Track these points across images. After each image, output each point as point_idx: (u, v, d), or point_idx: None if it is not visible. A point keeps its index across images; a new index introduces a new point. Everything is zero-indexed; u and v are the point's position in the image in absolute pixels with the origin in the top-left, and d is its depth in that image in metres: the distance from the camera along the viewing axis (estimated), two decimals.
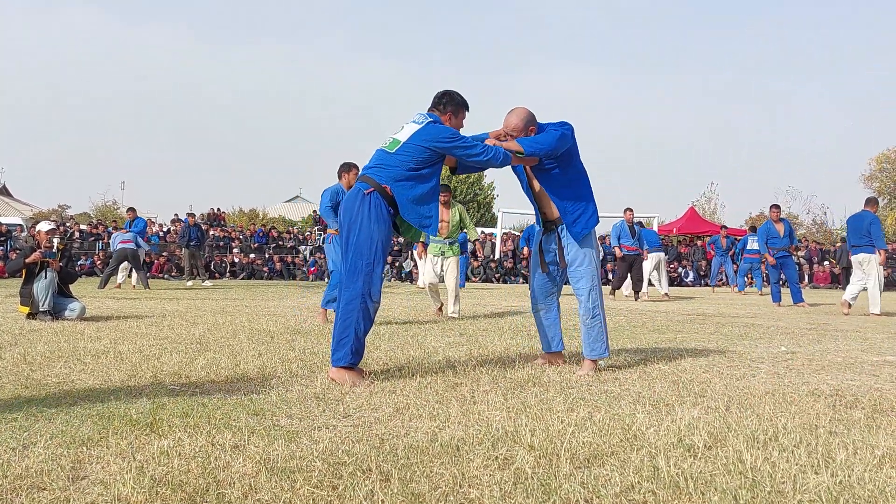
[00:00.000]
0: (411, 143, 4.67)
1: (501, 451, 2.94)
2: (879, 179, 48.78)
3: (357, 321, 4.56)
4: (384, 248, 4.62)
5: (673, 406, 3.88)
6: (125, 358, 5.35)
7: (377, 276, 4.61)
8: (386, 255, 4.67)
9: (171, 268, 25.42)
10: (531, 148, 4.77)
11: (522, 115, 4.95)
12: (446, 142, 4.66)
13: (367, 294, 4.57)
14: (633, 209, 15.81)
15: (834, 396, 4.25)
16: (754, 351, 6.37)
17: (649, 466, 2.76)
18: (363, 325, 4.58)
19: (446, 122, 4.84)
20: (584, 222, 5.00)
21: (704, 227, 33.82)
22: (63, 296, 8.66)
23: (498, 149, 4.73)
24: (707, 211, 46.26)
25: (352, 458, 2.84)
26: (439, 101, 4.90)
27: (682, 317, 10.57)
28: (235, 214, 45.09)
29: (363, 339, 4.61)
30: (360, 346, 4.59)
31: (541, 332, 5.39)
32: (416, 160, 4.64)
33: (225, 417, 3.48)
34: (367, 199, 4.62)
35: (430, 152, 4.65)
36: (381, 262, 4.61)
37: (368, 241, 4.58)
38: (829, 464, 2.82)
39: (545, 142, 4.78)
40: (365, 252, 4.58)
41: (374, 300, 4.60)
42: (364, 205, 4.61)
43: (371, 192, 4.63)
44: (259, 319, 8.79)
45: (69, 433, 3.16)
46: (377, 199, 4.62)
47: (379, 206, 4.61)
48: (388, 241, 4.68)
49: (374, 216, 4.59)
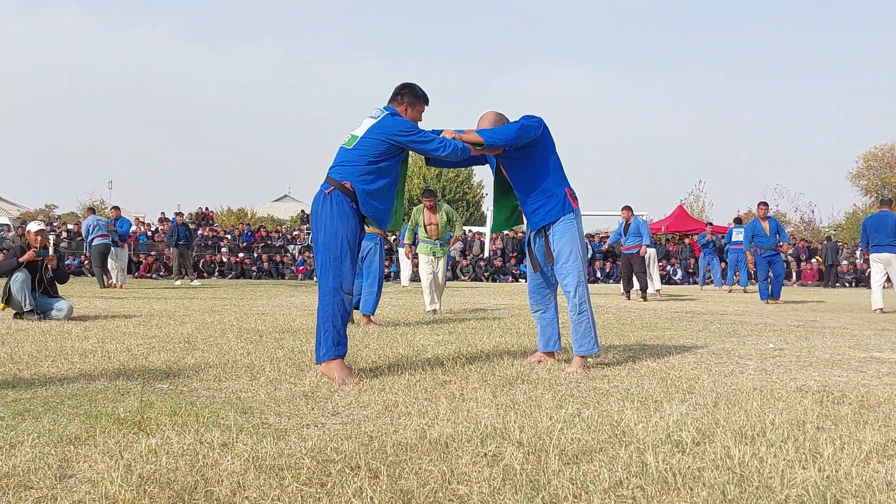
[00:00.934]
0: (368, 138, 4.71)
1: (490, 448, 2.95)
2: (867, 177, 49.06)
3: (334, 314, 4.62)
4: (351, 242, 4.66)
5: (661, 402, 3.89)
6: (113, 357, 5.33)
7: (346, 268, 4.64)
8: (354, 249, 4.70)
9: (160, 267, 25.32)
10: (491, 139, 4.79)
11: (491, 118, 5.02)
12: (402, 135, 4.68)
13: (339, 287, 4.63)
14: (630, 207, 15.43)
15: (821, 392, 4.27)
16: (742, 348, 6.39)
17: (638, 462, 2.77)
18: (340, 317, 4.63)
19: (402, 114, 4.86)
20: (545, 213, 5.01)
21: (693, 225, 33.88)
22: (50, 295, 8.62)
23: (455, 143, 4.76)
24: (695, 209, 46.39)
25: (340, 455, 2.84)
26: (398, 93, 4.93)
27: (670, 314, 10.60)
28: (224, 214, 44.93)
29: (343, 330, 4.64)
30: (341, 337, 4.63)
31: (538, 331, 5.42)
32: (373, 154, 4.68)
33: (213, 415, 3.47)
34: (329, 198, 4.68)
35: (387, 145, 4.68)
36: (347, 255, 4.64)
37: (333, 236, 4.63)
38: (817, 459, 2.83)
39: (505, 132, 4.81)
40: (332, 247, 4.63)
41: (345, 291, 4.64)
42: (326, 204, 4.68)
43: (331, 190, 4.69)
44: (248, 318, 8.77)
45: (56, 432, 3.15)
46: (338, 196, 4.67)
47: (341, 203, 4.66)
48: (355, 235, 4.70)
49: (337, 213, 4.64)
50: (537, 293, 5.35)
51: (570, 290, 5.03)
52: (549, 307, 5.36)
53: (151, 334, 6.88)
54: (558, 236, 5.03)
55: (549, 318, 5.35)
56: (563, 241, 5.02)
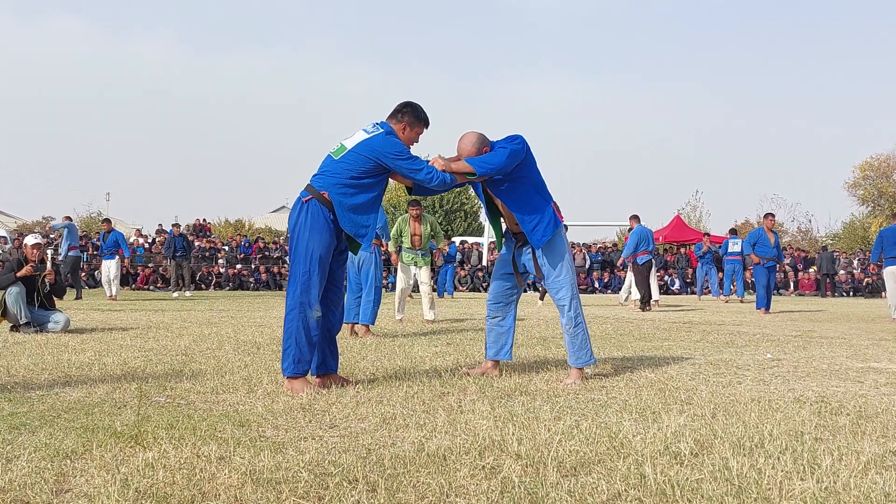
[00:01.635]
0: (355, 152, 4.63)
1: (488, 461, 2.94)
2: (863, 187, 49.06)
3: (297, 330, 4.55)
4: (322, 257, 4.58)
5: (659, 414, 3.88)
6: (110, 370, 5.32)
7: (314, 284, 4.56)
8: (325, 264, 4.62)
9: (157, 279, 25.30)
10: (482, 168, 4.74)
11: (473, 140, 4.92)
12: (391, 157, 4.60)
13: (306, 303, 4.55)
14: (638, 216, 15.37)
15: (819, 403, 4.27)
16: (740, 358, 6.39)
17: (636, 474, 2.76)
18: (304, 335, 4.56)
19: (399, 133, 4.75)
20: (543, 230, 4.98)
21: (690, 235, 33.90)
22: (47, 308, 8.61)
23: (444, 175, 4.70)
24: (693, 219, 46.40)
25: (338, 468, 2.83)
26: (399, 111, 4.82)
27: (668, 325, 10.60)
28: (221, 225, 44.90)
29: (306, 348, 4.57)
30: (303, 355, 4.57)
31: (490, 338, 5.35)
32: (358, 170, 4.61)
33: (210, 429, 3.46)
34: (306, 206, 4.62)
35: (374, 164, 4.61)
36: (317, 271, 4.56)
37: (305, 250, 4.56)
38: (815, 470, 2.83)
39: (495, 161, 4.76)
40: (301, 261, 4.57)
41: (311, 307, 4.56)
42: (302, 213, 4.61)
43: (309, 199, 4.62)
44: (245, 330, 8.76)
45: (53, 446, 3.14)
46: (315, 206, 4.59)
47: (316, 214, 4.58)
48: (328, 249, 4.62)
49: (311, 224, 4.57)
50: (500, 301, 5.33)
51: (566, 304, 5.02)
52: (509, 315, 5.34)
53: (148, 347, 6.87)
54: (547, 251, 5.02)
55: (507, 327, 5.32)
56: (553, 256, 5.02)
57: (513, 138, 4.92)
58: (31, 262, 8.50)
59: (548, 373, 5.28)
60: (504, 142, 4.91)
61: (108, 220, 18.71)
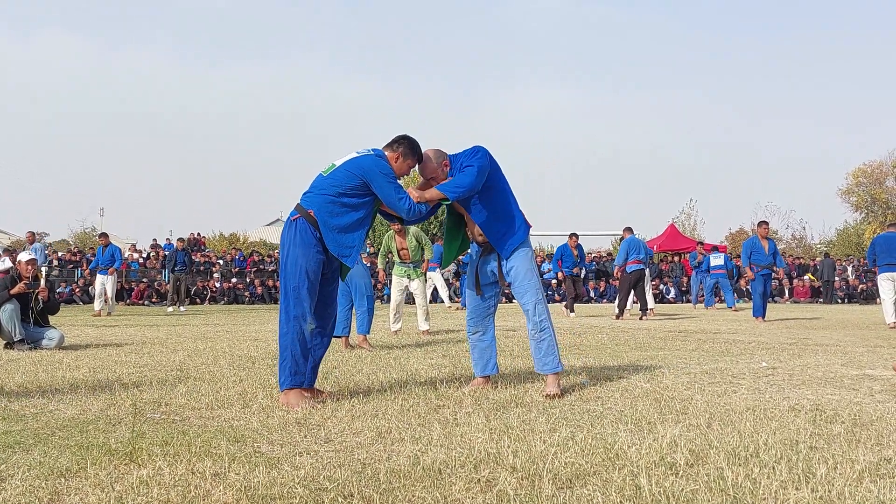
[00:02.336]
0: (344, 169, 4.72)
1: (484, 474, 2.94)
2: (857, 194, 49.26)
3: (293, 343, 4.63)
4: (310, 271, 4.65)
5: (655, 424, 3.88)
6: (104, 387, 5.31)
7: (304, 297, 4.63)
8: (315, 278, 4.69)
9: (151, 294, 25.26)
10: (455, 193, 4.77)
11: (434, 157, 4.95)
12: (377, 175, 4.67)
13: (300, 315, 4.63)
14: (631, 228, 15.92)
15: (814, 411, 4.28)
16: (735, 367, 6.40)
17: (631, 486, 2.76)
18: (299, 347, 4.64)
19: (392, 161, 4.82)
20: (512, 237, 4.98)
21: (685, 243, 33.97)
22: (41, 325, 8.59)
23: (420, 207, 4.76)
24: (687, 227, 46.51)
25: (333, 483, 2.82)
26: (395, 140, 4.90)
27: (663, 334, 10.61)
28: (216, 239, 44.85)
29: (301, 360, 4.65)
30: (298, 367, 4.64)
31: (475, 355, 5.31)
32: (344, 186, 4.67)
33: (205, 445, 3.46)
34: (294, 225, 4.71)
35: (360, 181, 4.67)
36: (305, 284, 4.63)
37: (294, 265, 4.65)
38: (810, 479, 2.83)
39: (466, 183, 4.77)
40: (292, 276, 4.65)
41: (305, 320, 4.64)
42: (291, 231, 4.71)
43: (297, 218, 4.71)
44: (240, 345, 8.75)
45: (47, 464, 3.13)
46: (303, 224, 4.68)
47: (304, 232, 4.67)
48: (317, 264, 4.69)
49: (299, 241, 4.66)
50: (478, 315, 5.27)
51: (530, 308, 4.96)
52: (489, 329, 5.30)
53: (143, 363, 6.86)
54: (512, 257, 4.99)
55: (488, 341, 5.29)
56: (517, 261, 4.98)
57: (474, 152, 4.91)
58: (25, 278, 8.49)
59: (543, 384, 5.27)
60: (467, 158, 4.90)
61: (104, 235, 18.65)
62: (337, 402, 4.62)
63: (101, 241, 18.23)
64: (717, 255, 20.76)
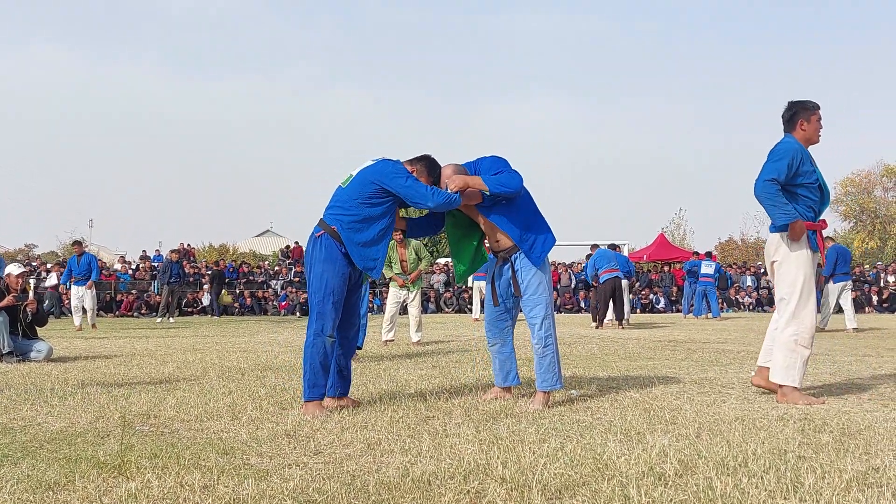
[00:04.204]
0: (359, 178, 4.79)
1: (473, 485, 2.94)
2: (845, 203, 49.52)
3: (313, 357, 4.73)
4: (335, 286, 4.73)
5: (644, 434, 3.89)
6: (93, 399, 5.28)
7: (328, 312, 4.72)
8: (340, 292, 4.76)
9: (141, 305, 25.17)
10: (497, 188, 4.78)
11: (454, 167, 4.99)
12: (390, 176, 4.70)
13: (320, 330, 4.71)
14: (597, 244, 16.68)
15: (803, 421, 4.29)
16: (724, 377, 6.41)
17: (620, 496, 2.77)
18: (319, 361, 4.72)
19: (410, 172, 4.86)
20: (541, 247, 4.99)
21: (674, 253, 34.08)
22: (29, 338, 8.55)
23: (447, 193, 4.74)
24: (676, 237, 46.66)
25: (323, 495, 2.82)
26: (418, 158, 4.96)
27: (653, 343, 10.63)
28: (205, 250, 44.71)
29: (321, 372, 4.73)
30: (318, 380, 4.72)
31: (496, 366, 5.31)
32: (362, 195, 4.73)
33: (194, 457, 3.45)
34: (319, 241, 4.78)
35: (376, 187, 4.71)
36: (330, 299, 4.71)
37: (319, 280, 4.73)
38: (798, 489, 2.84)
39: (511, 185, 4.81)
40: (317, 291, 4.74)
41: (325, 334, 4.71)
42: (316, 247, 4.79)
43: (321, 234, 4.77)
44: (229, 356, 8.73)
45: (35, 477, 3.12)
46: (328, 240, 4.75)
47: (330, 248, 4.75)
48: (343, 278, 4.77)
49: (324, 257, 4.74)
50: (495, 326, 5.27)
51: (537, 323, 4.95)
52: (507, 341, 5.29)
53: (132, 375, 6.83)
54: (527, 268, 4.98)
55: (508, 352, 5.28)
56: (532, 273, 4.96)
57: (504, 161, 4.96)
58: (14, 291, 8.45)
59: (533, 395, 5.27)
60: (492, 164, 4.94)
61: (78, 243, 17.05)
62: (327, 413, 4.61)
63: (76, 249, 16.51)
64: (709, 263, 20.73)
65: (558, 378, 4.98)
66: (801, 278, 5.07)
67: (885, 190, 50.15)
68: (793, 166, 5.06)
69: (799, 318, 5.05)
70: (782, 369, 5.02)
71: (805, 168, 5.12)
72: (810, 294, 5.09)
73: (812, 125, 5.21)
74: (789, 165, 5.04)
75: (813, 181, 5.16)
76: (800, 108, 5.24)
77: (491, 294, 5.23)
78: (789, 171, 5.05)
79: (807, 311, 5.06)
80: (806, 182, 5.14)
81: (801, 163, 5.09)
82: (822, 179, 5.23)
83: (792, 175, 5.08)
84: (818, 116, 5.22)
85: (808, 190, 5.16)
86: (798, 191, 5.15)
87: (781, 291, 5.16)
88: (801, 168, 5.09)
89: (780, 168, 5.04)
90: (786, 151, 5.09)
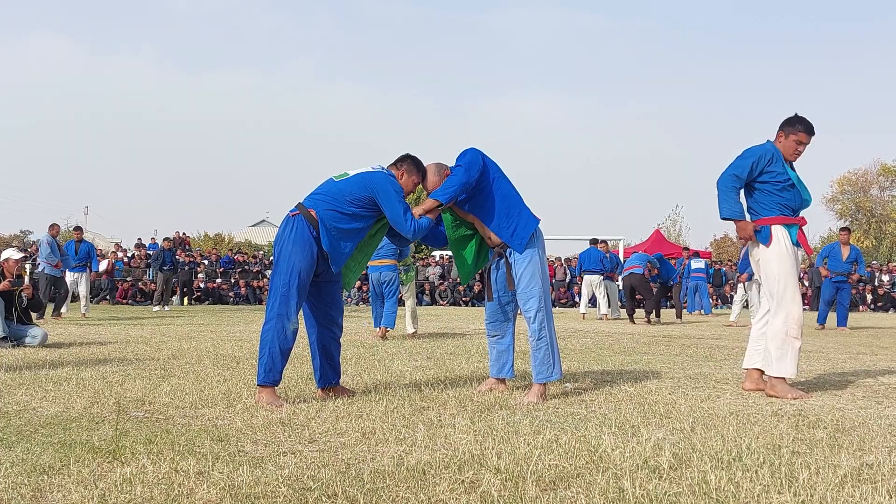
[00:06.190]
0: (355, 180, 4.77)
1: (468, 475, 2.94)
2: (841, 202, 49.63)
3: (272, 340, 4.62)
4: (302, 271, 4.64)
5: (638, 427, 3.90)
6: (87, 385, 5.28)
7: (292, 296, 4.62)
8: (306, 278, 4.68)
9: (136, 293, 25.13)
10: (445, 195, 4.79)
11: (435, 170, 5.00)
12: (385, 190, 4.71)
13: (284, 314, 4.62)
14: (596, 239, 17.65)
15: (797, 416, 4.30)
16: (719, 372, 6.43)
17: (615, 488, 2.77)
18: (278, 345, 4.62)
19: (398, 178, 4.89)
20: (523, 231, 4.94)
21: (670, 249, 34.07)
22: (24, 323, 8.53)
23: (422, 223, 4.79)
24: (672, 233, 46.70)
25: (317, 483, 2.82)
26: (400, 159, 4.97)
27: (648, 338, 10.64)
28: (201, 239, 44.66)
29: (279, 358, 4.64)
30: (275, 364, 4.63)
31: (492, 357, 5.32)
32: (352, 195, 4.71)
33: (189, 444, 3.44)
34: (292, 221, 4.71)
35: (366, 196, 4.71)
36: (296, 283, 4.62)
37: (287, 262, 4.64)
38: (792, 483, 2.85)
39: (455, 182, 4.80)
40: (282, 272, 4.64)
41: (289, 319, 4.63)
42: (287, 227, 4.71)
43: (296, 215, 4.71)
44: (224, 344, 8.72)
45: (30, 461, 3.11)
46: (300, 221, 4.68)
47: (301, 229, 4.67)
48: (311, 264, 4.68)
49: (294, 238, 4.66)
50: (495, 318, 5.27)
51: (531, 315, 4.92)
52: (507, 333, 5.29)
53: (127, 361, 6.82)
54: (520, 260, 4.94)
55: (506, 345, 5.28)
56: (525, 266, 4.92)
57: (462, 154, 4.93)
58: (10, 276, 8.43)
59: (529, 387, 5.28)
60: (458, 161, 4.93)
61: (79, 228, 16.86)
62: (322, 402, 4.61)
63: (76, 234, 16.35)
64: (698, 260, 21.36)
65: (554, 370, 4.94)
66: (783, 271, 5.24)
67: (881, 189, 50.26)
68: (758, 166, 5.32)
69: (786, 309, 5.18)
70: (775, 361, 5.11)
71: (774, 168, 5.33)
72: (795, 286, 5.25)
73: (788, 142, 5.41)
74: (753, 164, 5.31)
75: (783, 180, 5.33)
76: (786, 122, 5.45)
77: (486, 290, 5.23)
78: (752, 170, 5.32)
79: (793, 303, 5.19)
80: (773, 180, 5.33)
81: (770, 163, 5.33)
82: (798, 180, 5.39)
83: (757, 174, 5.33)
84: (798, 139, 5.39)
85: (777, 188, 5.34)
86: (765, 187, 5.36)
87: (767, 286, 5.33)
88: (768, 167, 5.32)
89: (743, 165, 5.34)
90: (753, 152, 5.37)
